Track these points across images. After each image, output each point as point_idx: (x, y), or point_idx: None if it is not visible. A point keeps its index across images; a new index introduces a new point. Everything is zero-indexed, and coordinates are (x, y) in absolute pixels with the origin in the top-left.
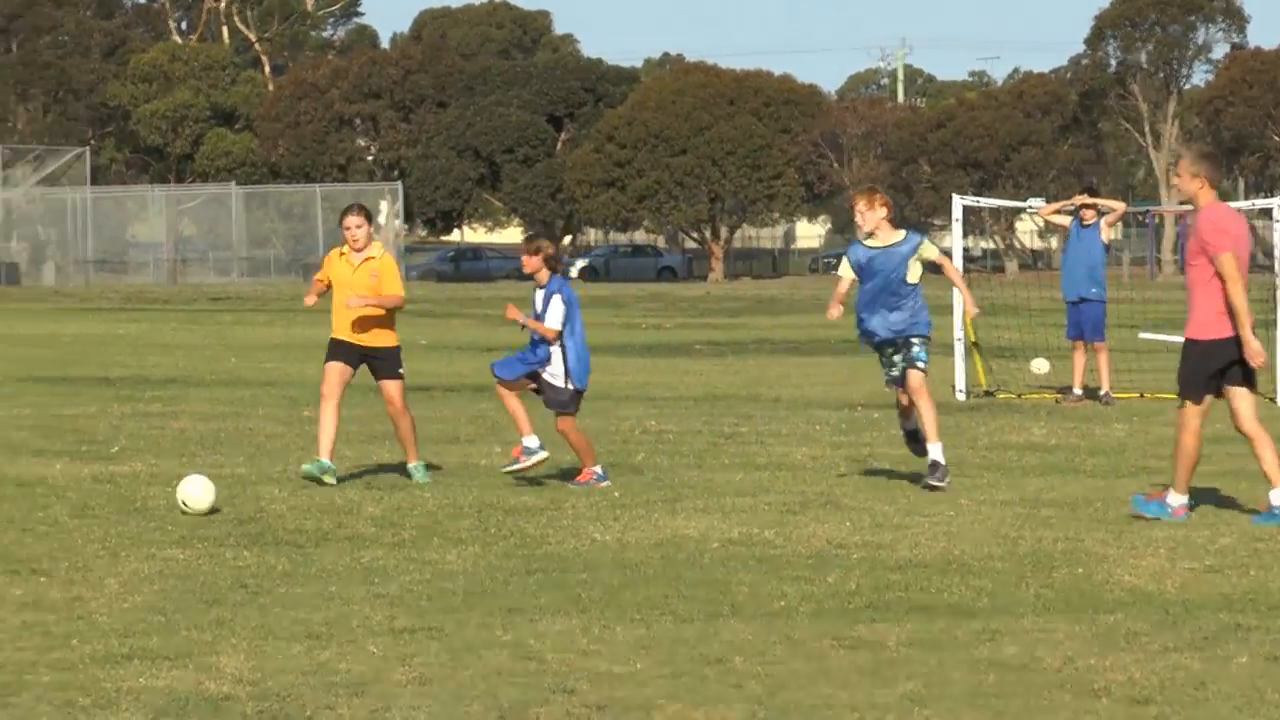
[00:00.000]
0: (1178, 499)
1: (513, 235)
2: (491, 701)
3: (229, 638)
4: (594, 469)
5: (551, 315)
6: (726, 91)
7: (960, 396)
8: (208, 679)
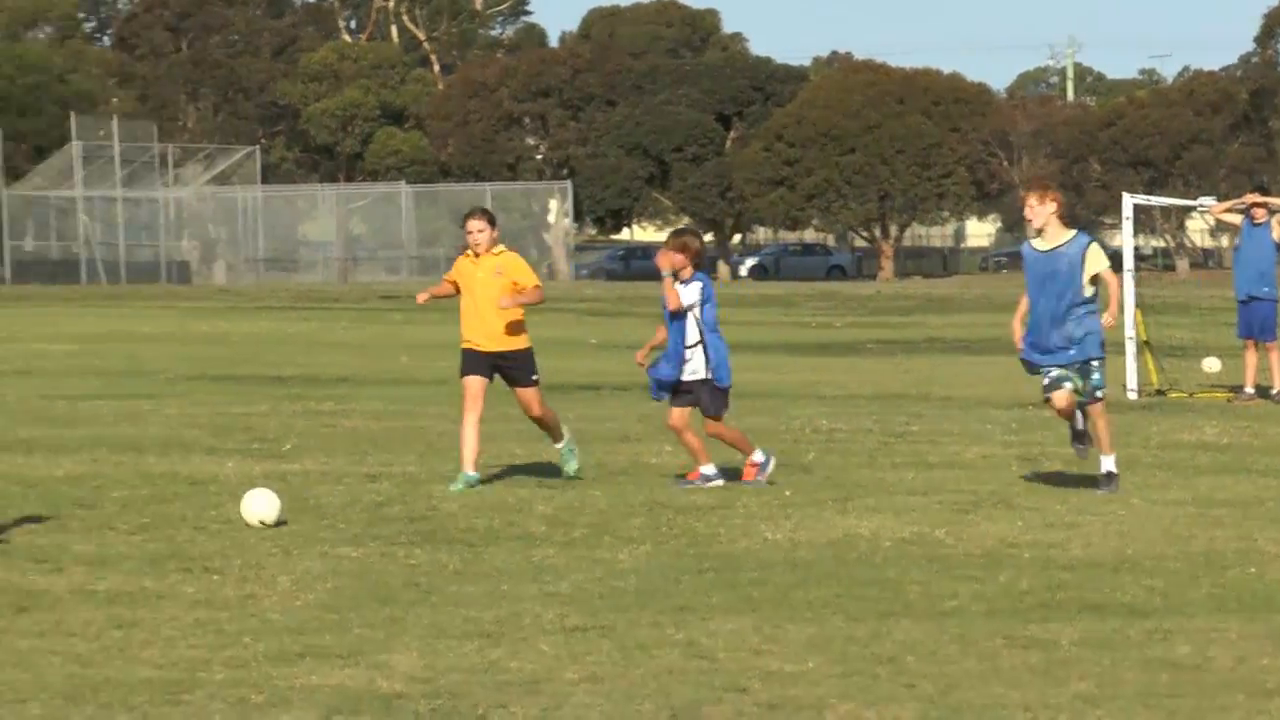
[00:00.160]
0: None
1: None
2: (663, 700)
3: (401, 636)
4: (756, 456)
5: (688, 292)
6: (895, 90)
7: (1132, 395)
8: (380, 677)
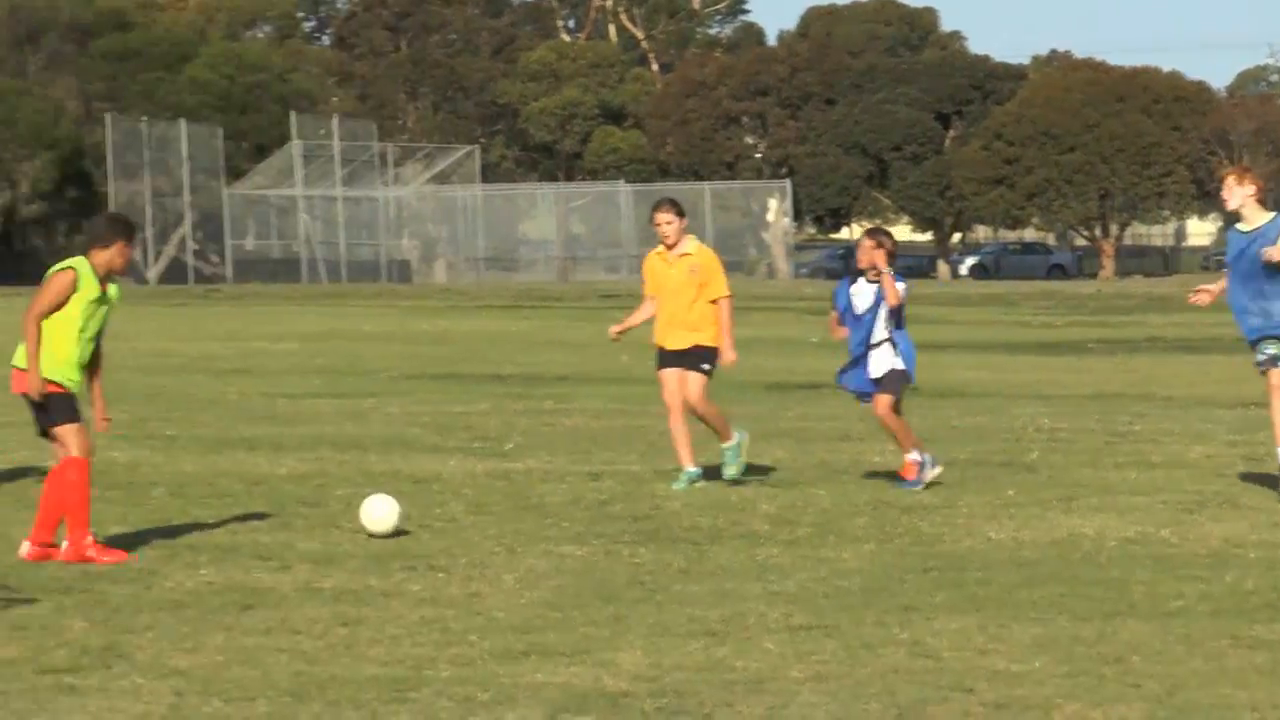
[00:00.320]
0: None
1: (902, 233)
2: (889, 699)
3: (626, 634)
4: (914, 455)
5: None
6: (1115, 88)
7: None
8: (605, 675)
